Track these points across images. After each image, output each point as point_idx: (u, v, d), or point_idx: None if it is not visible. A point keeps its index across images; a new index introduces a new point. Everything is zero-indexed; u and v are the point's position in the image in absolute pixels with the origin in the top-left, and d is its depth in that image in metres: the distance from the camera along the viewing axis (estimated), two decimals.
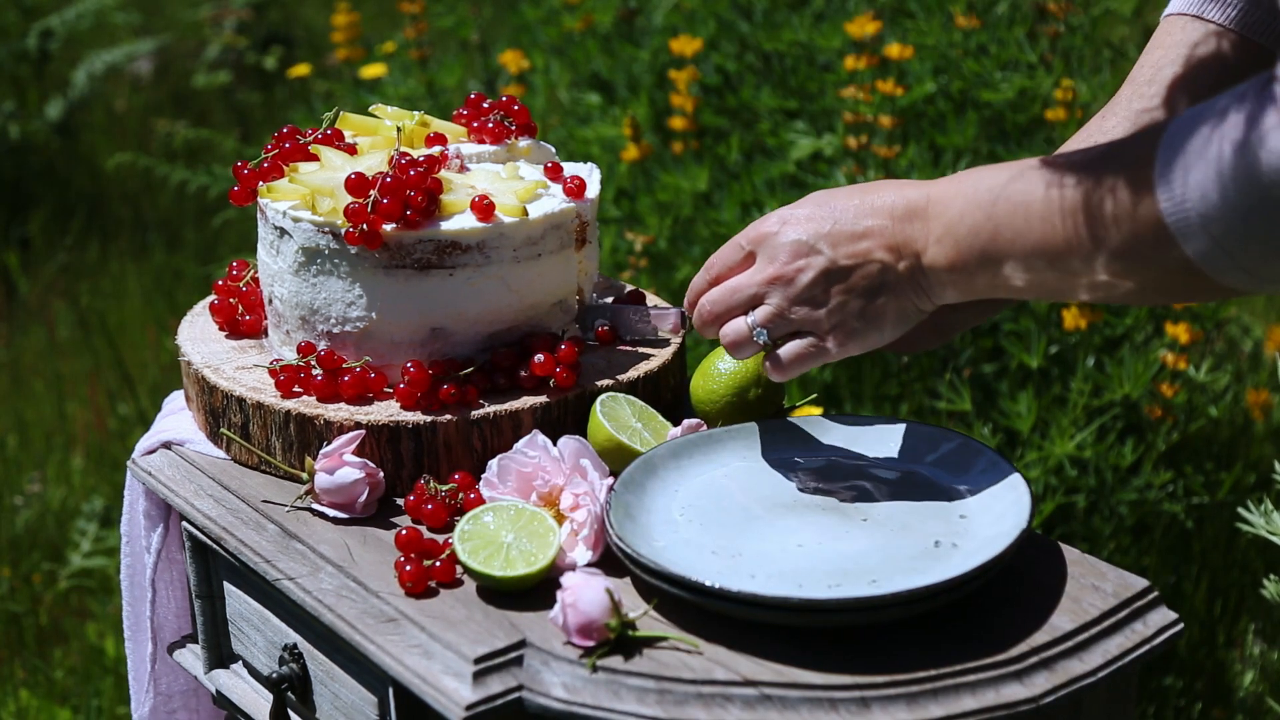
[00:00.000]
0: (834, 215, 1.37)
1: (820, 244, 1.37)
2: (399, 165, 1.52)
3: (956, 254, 1.31)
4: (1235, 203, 1.12)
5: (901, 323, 1.38)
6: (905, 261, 1.34)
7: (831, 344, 1.39)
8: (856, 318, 1.37)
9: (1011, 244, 1.27)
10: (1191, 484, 2.59)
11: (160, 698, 1.73)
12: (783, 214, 1.40)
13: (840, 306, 1.37)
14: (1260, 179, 1.10)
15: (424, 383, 1.50)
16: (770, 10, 3.10)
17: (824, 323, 1.38)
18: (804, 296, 1.38)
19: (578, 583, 1.30)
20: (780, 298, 1.39)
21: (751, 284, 1.40)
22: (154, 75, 5.63)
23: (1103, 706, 1.34)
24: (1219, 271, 1.17)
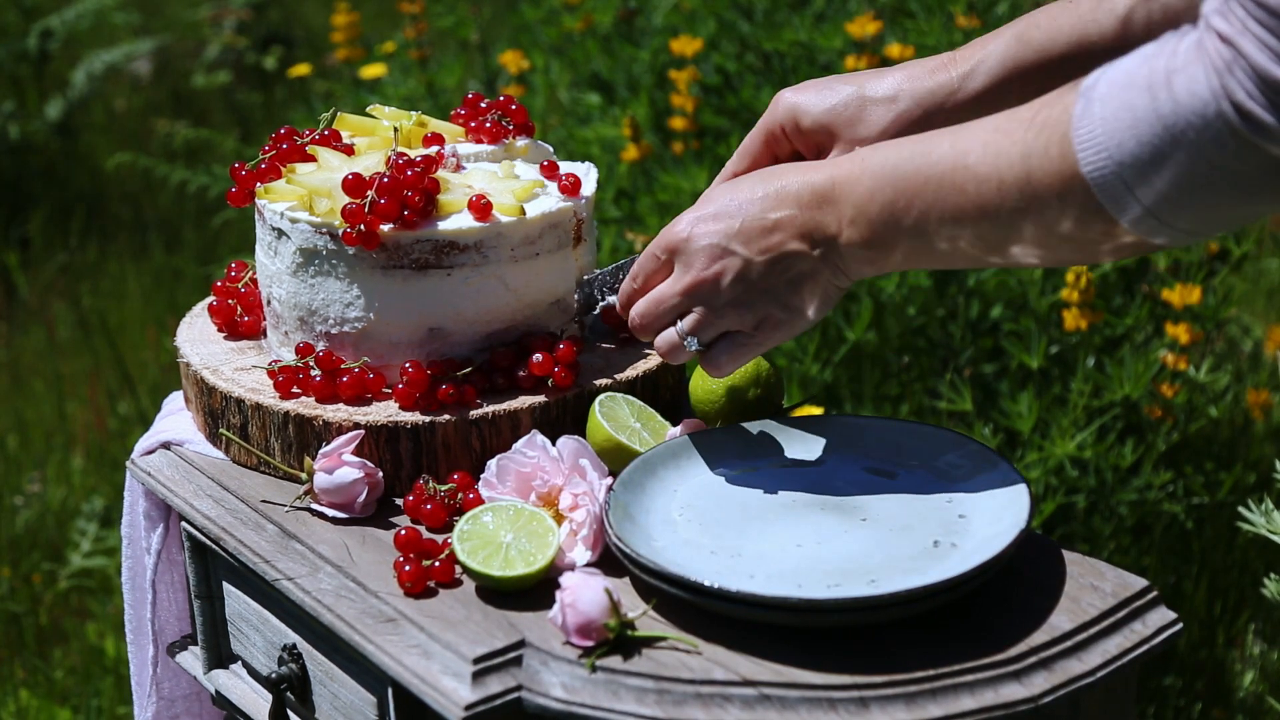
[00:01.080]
0: (742, 211, 1.37)
1: (733, 244, 1.38)
2: (396, 165, 1.52)
3: (871, 232, 1.32)
4: (1147, 150, 1.13)
5: (825, 304, 1.39)
6: (820, 248, 1.35)
7: (760, 338, 1.41)
8: (780, 310, 1.39)
9: (926, 215, 1.28)
10: (1191, 484, 2.59)
11: (163, 702, 1.73)
12: (690, 218, 1.41)
13: (762, 303, 1.39)
14: (1168, 122, 1.11)
15: (422, 383, 1.50)
16: (771, 10, 3.10)
17: (749, 320, 1.40)
18: (725, 299, 1.39)
19: (577, 583, 1.30)
20: (703, 305, 1.41)
21: (673, 294, 1.42)
22: (154, 75, 5.63)
23: (1102, 706, 1.33)
24: (1136, 224, 1.17)
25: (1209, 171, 1.11)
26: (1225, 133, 1.09)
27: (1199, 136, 1.10)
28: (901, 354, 2.66)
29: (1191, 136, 1.11)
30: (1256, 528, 1.80)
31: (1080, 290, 2.38)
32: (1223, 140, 1.10)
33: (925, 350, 2.67)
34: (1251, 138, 1.09)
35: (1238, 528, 2.45)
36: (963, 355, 2.64)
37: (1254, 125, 1.08)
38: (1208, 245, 2.64)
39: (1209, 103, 1.09)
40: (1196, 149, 1.11)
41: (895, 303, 2.63)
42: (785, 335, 1.41)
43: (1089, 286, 2.39)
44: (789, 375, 2.57)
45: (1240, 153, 1.10)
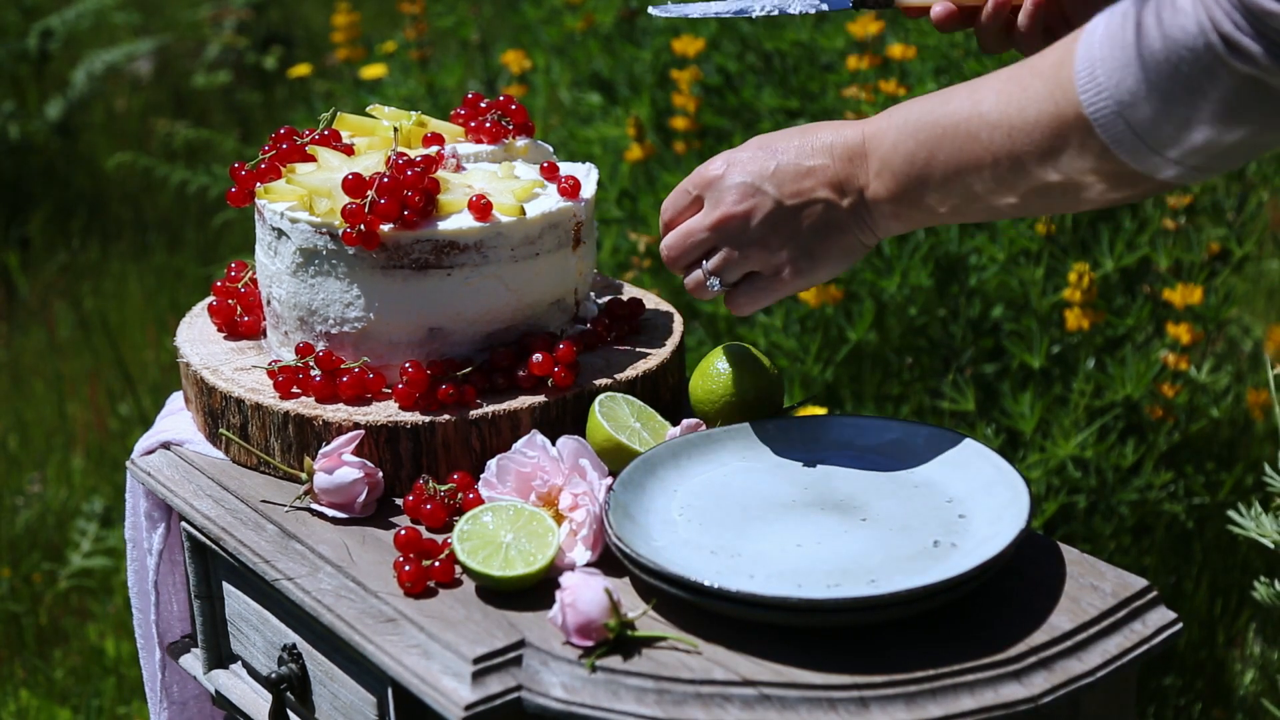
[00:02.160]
0: (777, 156, 1.40)
1: (765, 185, 1.40)
2: (396, 165, 1.52)
3: (895, 185, 1.34)
4: (1144, 87, 1.15)
5: (847, 257, 1.41)
6: (849, 198, 1.38)
7: (781, 282, 1.43)
8: (805, 256, 1.41)
9: (945, 165, 1.31)
10: (1192, 484, 2.59)
11: (175, 706, 1.73)
12: (727, 157, 1.43)
13: (788, 246, 1.41)
14: (1160, 58, 1.13)
15: (422, 383, 1.50)
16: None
17: (773, 262, 1.42)
18: (753, 238, 1.41)
19: (576, 583, 1.30)
20: (731, 242, 1.43)
21: (702, 228, 1.44)
22: (154, 75, 5.63)
23: (1102, 706, 1.33)
24: (1140, 161, 1.19)
25: (1206, 104, 1.14)
26: (1215, 64, 1.12)
27: (1191, 70, 1.13)
28: (903, 354, 2.66)
29: (1185, 70, 1.13)
30: (1247, 532, 1.80)
31: (1082, 290, 2.38)
32: (1214, 71, 1.12)
33: (926, 350, 2.67)
34: (1240, 67, 1.11)
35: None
36: (964, 355, 2.64)
37: (1241, 54, 1.10)
38: (1208, 245, 2.64)
39: (1197, 35, 1.12)
40: (1192, 83, 1.13)
41: (896, 303, 2.63)
42: (806, 284, 1.43)
43: (1091, 286, 2.39)
44: (790, 375, 2.57)
45: (1232, 83, 1.12)
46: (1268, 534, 1.78)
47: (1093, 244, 2.64)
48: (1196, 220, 2.66)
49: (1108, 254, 2.57)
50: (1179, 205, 2.56)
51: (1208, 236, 2.68)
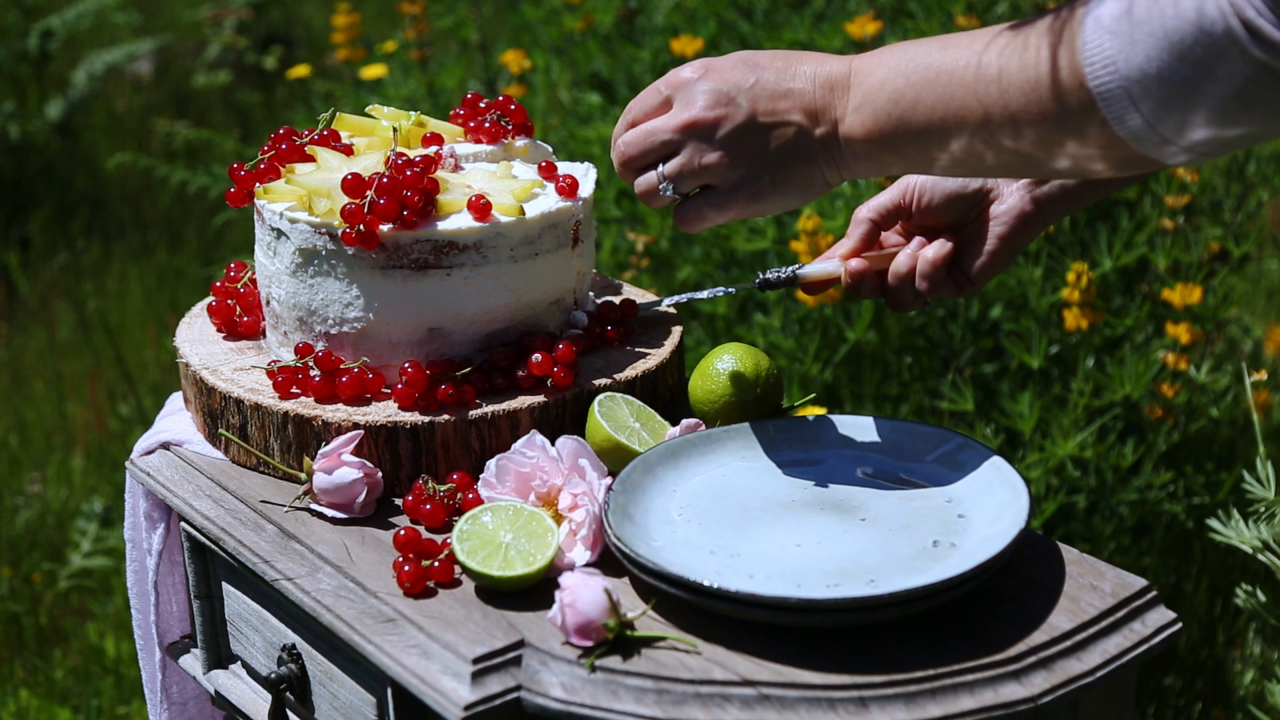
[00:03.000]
0: (758, 72, 1.36)
1: (740, 97, 1.36)
2: (395, 166, 1.52)
3: (874, 122, 1.31)
4: (1153, 65, 1.13)
5: (807, 191, 1.37)
6: (822, 128, 1.34)
7: (735, 202, 1.39)
8: (765, 178, 1.37)
9: (931, 111, 1.27)
10: (1192, 484, 2.59)
11: (175, 707, 1.73)
12: (706, 63, 1.39)
13: (750, 164, 1.37)
14: (1174, 38, 1.11)
15: (422, 383, 1.50)
16: (771, 10, 3.09)
17: (731, 177, 1.38)
18: (717, 148, 1.37)
19: (576, 583, 1.30)
20: (693, 148, 1.38)
21: (666, 129, 1.39)
22: (154, 75, 5.63)
23: (1101, 706, 1.33)
24: (1137, 138, 1.17)
25: (1215, 88, 1.12)
26: (1233, 49, 1.10)
27: (1205, 53, 1.11)
28: (902, 354, 2.66)
29: (1199, 53, 1.11)
30: (1227, 539, 1.79)
31: (1080, 290, 2.38)
32: (1230, 56, 1.10)
33: (926, 350, 2.67)
34: (1259, 54, 1.09)
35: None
36: (963, 355, 2.64)
37: (1263, 42, 1.08)
38: (1208, 245, 2.64)
39: (1216, 20, 1.10)
40: (1204, 65, 1.11)
41: None
42: (759, 209, 1.39)
43: (1089, 286, 2.39)
44: (789, 375, 2.57)
45: (1246, 70, 1.10)
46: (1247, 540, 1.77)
47: (1091, 244, 2.64)
48: (1195, 220, 2.66)
49: (1106, 254, 2.57)
50: (1178, 205, 2.56)
51: (1207, 236, 2.68)
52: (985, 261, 1.48)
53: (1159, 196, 2.63)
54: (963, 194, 1.48)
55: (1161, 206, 2.61)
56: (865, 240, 1.53)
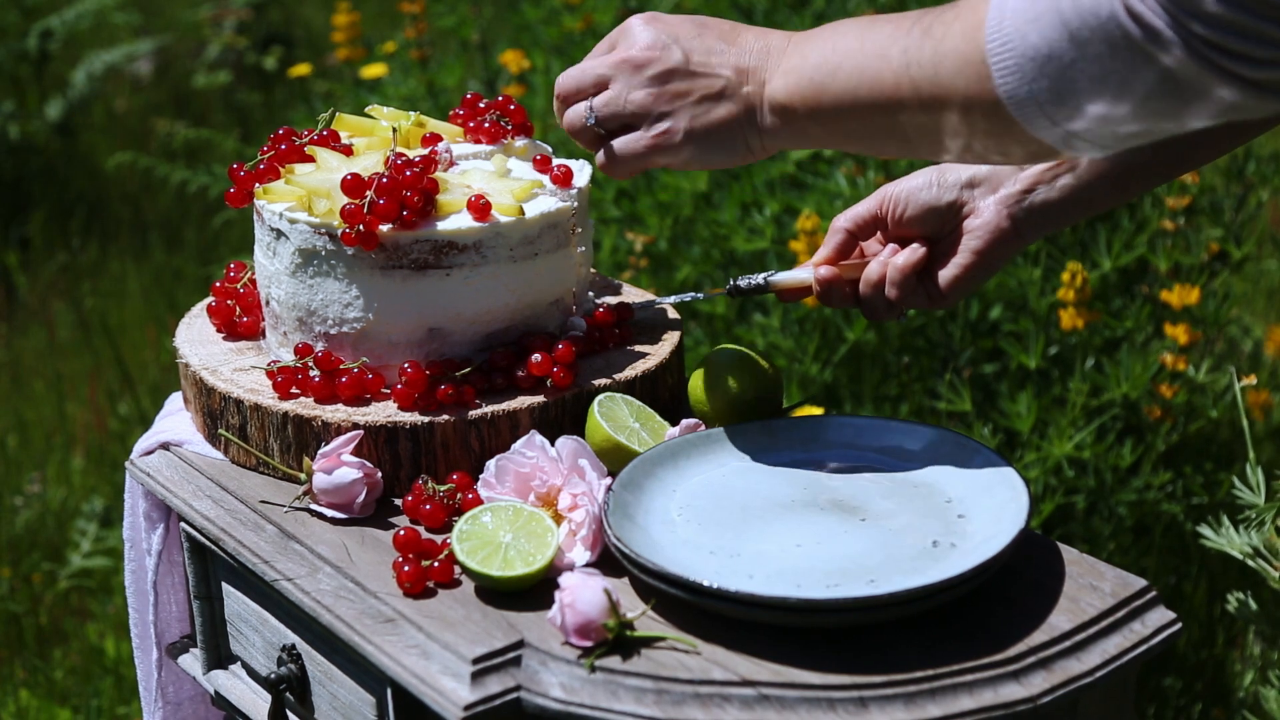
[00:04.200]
0: (702, 30, 1.40)
1: (677, 44, 1.40)
2: (395, 166, 1.52)
3: (796, 85, 1.33)
4: (1045, 45, 1.13)
5: (727, 148, 1.39)
6: (750, 87, 1.37)
7: (657, 144, 1.41)
8: (687, 122, 1.39)
9: (848, 78, 1.29)
10: (1191, 484, 2.59)
11: (169, 707, 1.73)
12: (657, 14, 1.43)
13: (674, 106, 1.40)
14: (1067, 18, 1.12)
15: (421, 383, 1.50)
16: (771, 10, 3.09)
17: (654, 116, 1.40)
18: (644, 86, 1.40)
19: (576, 583, 1.30)
20: (622, 83, 1.42)
21: (602, 64, 1.43)
22: (154, 75, 5.63)
23: (1101, 706, 1.33)
24: (1031, 122, 1.17)
25: (1104, 76, 1.12)
26: (1119, 36, 1.10)
27: (1092, 35, 1.11)
28: (901, 354, 2.66)
29: (1085, 35, 1.12)
30: (1217, 545, 1.79)
31: (1076, 290, 2.38)
32: (1115, 44, 1.11)
33: (924, 350, 2.67)
34: (1143, 43, 1.10)
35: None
36: (962, 355, 2.64)
37: (1146, 30, 1.09)
38: (1207, 246, 2.64)
39: (1103, 4, 1.10)
40: (1090, 48, 1.12)
41: None
42: (678, 158, 1.41)
43: (1084, 286, 2.39)
44: (789, 375, 2.57)
45: (1132, 59, 1.11)
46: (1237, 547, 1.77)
47: (1091, 244, 2.64)
48: (1195, 221, 2.66)
49: (1106, 254, 2.57)
50: (1177, 206, 2.56)
51: (1206, 237, 2.68)
52: (958, 275, 1.49)
53: (1159, 197, 2.63)
54: (937, 206, 1.49)
55: (1161, 207, 2.61)
56: (840, 249, 1.55)
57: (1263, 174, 2.73)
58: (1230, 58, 1.08)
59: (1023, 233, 1.47)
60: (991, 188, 1.47)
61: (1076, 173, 1.44)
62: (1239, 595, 1.85)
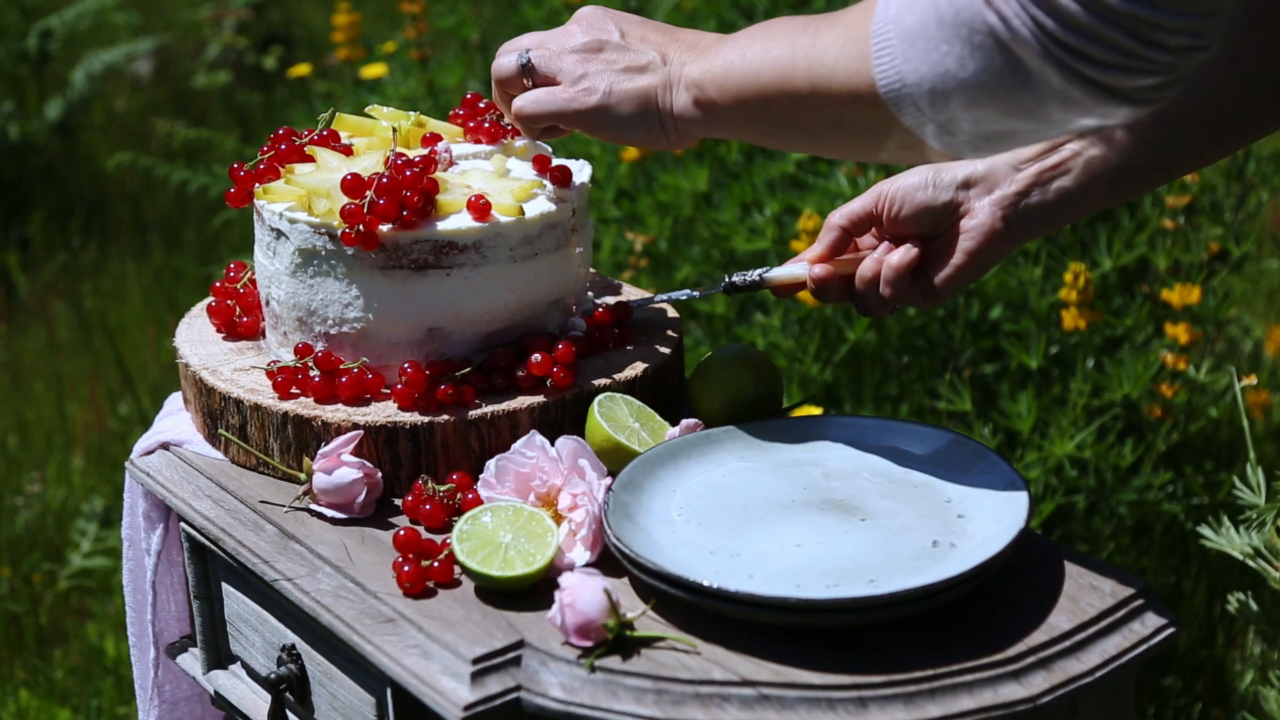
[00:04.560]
0: (644, 21, 1.49)
1: (615, 25, 1.49)
2: (395, 166, 1.52)
3: (709, 66, 1.38)
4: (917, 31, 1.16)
5: (640, 119, 1.44)
6: (670, 66, 1.43)
7: (572, 98, 1.47)
8: (606, 84, 1.46)
9: (755, 58, 1.33)
10: (1191, 484, 2.59)
11: (165, 706, 1.73)
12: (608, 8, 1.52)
13: (596, 69, 1.46)
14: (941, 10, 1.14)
15: (421, 383, 1.50)
16: (771, 10, 3.09)
17: (575, 73, 1.47)
18: (578, 49, 1.48)
19: (576, 583, 1.30)
20: (558, 44, 1.50)
21: (542, 32, 1.53)
22: (154, 75, 5.63)
23: (1100, 706, 1.33)
24: (900, 109, 1.19)
25: (965, 66, 1.14)
26: (981, 27, 1.12)
27: (957, 24, 1.13)
28: (901, 354, 2.66)
29: (951, 24, 1.14)
30: (1218, 545, 1.79)
31: (1078, 290, 2.38)
32: (977, 35, 1.13)
33: (925, 350, 2.67)
34: (1001, 36, 1.11)
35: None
36: (962, 355, 2.64)
37: (1004, 23, 1.11)
38: (1207, 245, 2.64)
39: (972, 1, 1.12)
40: (957, 41, 1.14)
41: None
42: (590, 117, 1.47)
43: (1087, 286, 2.39)
44: (789, 375, 2.57)
45: (991, 51, 1.13)
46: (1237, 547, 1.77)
47: (1092, 244, 2.64)
48: (1195, 220, 2.66)
49: (1106, 254, 2.57)
50: (1178, 205, 2.56)
51: (1206, 236, 2.68)
52: (951, 274, 1.50)
53: (1159, 196, 2.63)
54: (933, 205, 1.50)
55: (1162, 206, 2.61)
56: (835, 246, 1.56)
57: (1263, 174, 2.73)
58: (1080, 59, 1.10)
59: (1016, 234, 1.48)
60: (987, 189, 1.48)
61: (1071, 175, 1.45)
62: (1240, 596, 1.85)
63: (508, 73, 1.53)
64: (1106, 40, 1.10)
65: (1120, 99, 1.13)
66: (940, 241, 1.51)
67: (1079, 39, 1.10)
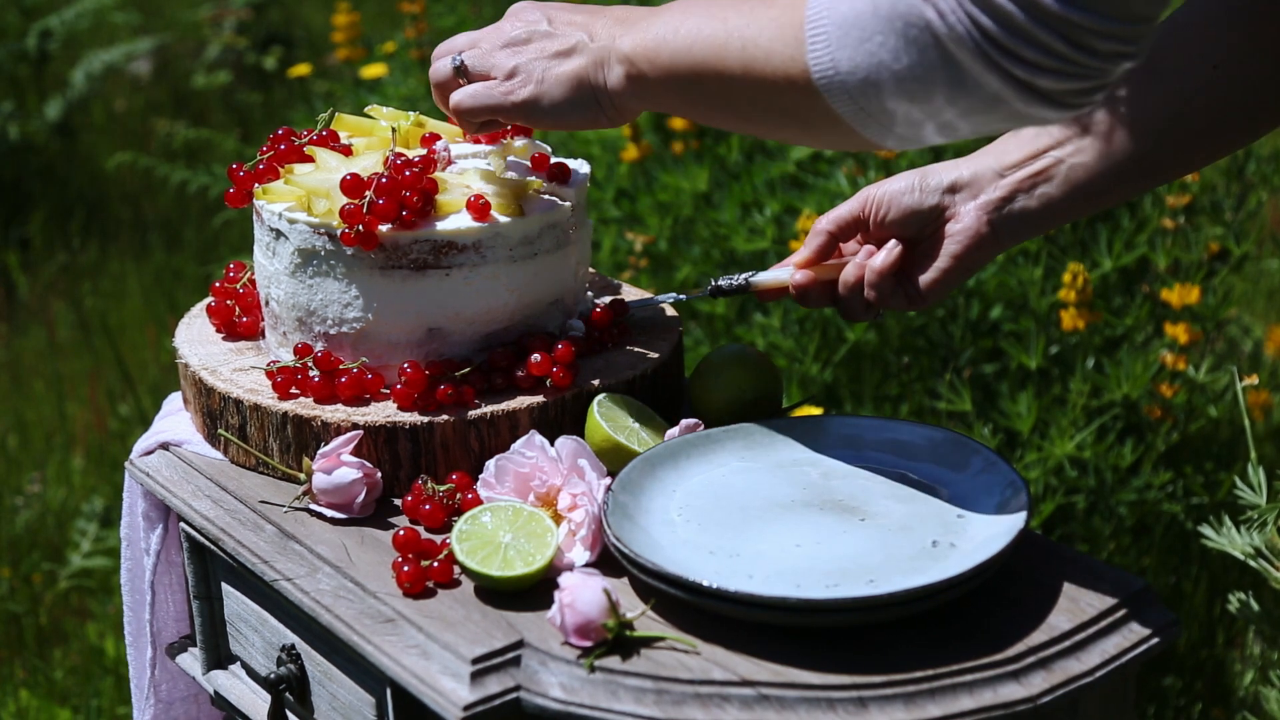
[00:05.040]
0: (575, 5, 1.48)
1: (543, 14, 1.48)
2: (394, 166, 1.52)
3: (641, 40, 1.37)
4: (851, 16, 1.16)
5: (577, 102, 1.44)
6: (599, 42, 1.42)
7: (506, 91, 1.47)
8: (539, 72, 1.45)
9: (688, 33, 1.33)
10: (1191, 484, 2.59)
11: (161, 705, 1.73)
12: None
13: (530, 58, 1.46)
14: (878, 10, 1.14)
15: (421, 383, 1.50)
16: None
17: (507, 66, 1.47)
18: (508, 43, 1.47)
19: (575, 583, 1.30)
20: (489, 44, 1.49)
21: (474, 32, 1.53)
22: (153, 75, 5.63)
23: (1100, 706, 1.33)
24: (832, 94, 1.20)
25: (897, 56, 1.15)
26: (914, 17, 1.13)
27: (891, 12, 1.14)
28: (901, 354, 2.66)
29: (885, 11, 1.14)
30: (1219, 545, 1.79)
31: (1077, 290, 2.38)
32: (910, 24, 1.13)
33: (925, 350, 2.67)
34: (933, 26, 1.12)
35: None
36: (962, 355, 2.64)
37: (938, 13, 1.12)
38: (1207, 245, 2.64)
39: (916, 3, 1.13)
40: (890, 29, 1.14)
41: None
42: (525, 106, 1.46)
43: (1086, 286, 2.39)
44: (789, 375, 2.57)
45: (921, 41, 1.13)
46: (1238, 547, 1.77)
47: (1091, 244, 2.64)
48: (1195, 220, 2.66)
49: (1106, 254, 2.57)
50: (1177, 205, 2.56)
51: (1206, 236, 2.68)
52: (936, 277, 1.51)
53: (1159, 196, 2.63)
54: (919, 209, 1.51)
55: (1162, 206, 2.61)
56: (821, 251, 1.57)
57: (1263, 173, 2.73)
58: (1011, 59, 1.11)
59: (1001, 238, 1.49)
60: (973, 194, 1.49)
61: (1054, 183, 1.47)
62: (1240, 596, 1.85)
63: (444, 76, 1.53)
64: (1038, 41, 1.11)
65: (1048, 101, 1.14)
66: (925, 245, 1.52)
67: (1012, 39, 1.11)
